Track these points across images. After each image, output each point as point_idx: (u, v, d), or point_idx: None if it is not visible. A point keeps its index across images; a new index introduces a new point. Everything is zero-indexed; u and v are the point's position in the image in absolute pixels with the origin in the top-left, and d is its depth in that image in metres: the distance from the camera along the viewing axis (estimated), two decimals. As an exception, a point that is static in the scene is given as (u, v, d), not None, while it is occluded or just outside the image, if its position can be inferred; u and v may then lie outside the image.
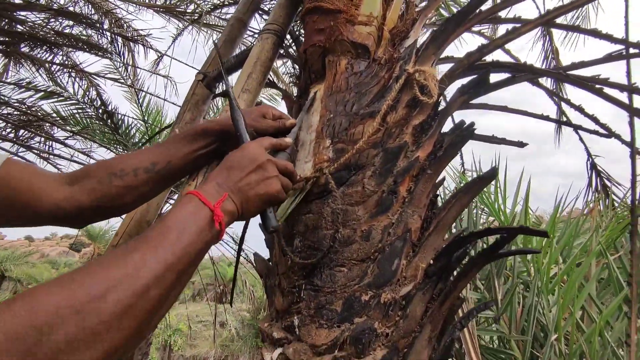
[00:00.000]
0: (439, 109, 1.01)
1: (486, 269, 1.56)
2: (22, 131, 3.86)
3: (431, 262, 0.80)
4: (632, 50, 1.13)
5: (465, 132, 0.88)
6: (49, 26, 3.07)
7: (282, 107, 3.71)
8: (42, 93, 3.99)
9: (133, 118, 4.69)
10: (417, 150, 0.95)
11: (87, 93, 4.30)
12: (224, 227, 0.60)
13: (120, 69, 4.26)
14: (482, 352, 1.39)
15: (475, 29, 1.94)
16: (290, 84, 1.33)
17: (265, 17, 1.99)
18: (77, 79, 4.19)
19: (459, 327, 0.78)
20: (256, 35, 2.27)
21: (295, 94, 1.28)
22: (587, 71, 1.13)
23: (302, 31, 1.84)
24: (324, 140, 0.99)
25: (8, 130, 3.93)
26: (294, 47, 1.51)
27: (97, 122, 4.52)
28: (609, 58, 1.10)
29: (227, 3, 2.18)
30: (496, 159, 2.03)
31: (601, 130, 1.50)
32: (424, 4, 1.31)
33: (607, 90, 1.15)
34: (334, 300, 0.82)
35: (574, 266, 1.58)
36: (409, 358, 0.77)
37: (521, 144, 1.33)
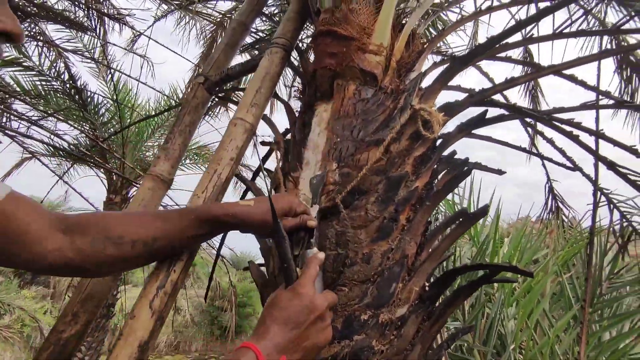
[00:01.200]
0: (437, 142, 1.09)
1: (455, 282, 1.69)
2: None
3: (427, 287, 0.88)
4: (601, 102, 1.27)
5: (465, 171, 0.96)
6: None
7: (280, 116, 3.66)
8: (3, 60, 3.70)
9: (103, 96, 4.47)
10: (416, 180, 1.03)
11: (55, 65, 4.05)
12: None
13: (90, 43, 4.04)
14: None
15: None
16: (294, 97, 1.36)
17: (265, 20, 1.99)
18: (45, 50, 3.92)
19: (445, 347, 0.88)
20: (255, 36, 2.26)
21: (298, 109, 1.32)
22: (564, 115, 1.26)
23: (306, 45, 1.86)
24: (330, 163, 1.04)
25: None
26: (298, 59, 1.54)
27: (64, 97, 4.27)
28: (584, 106, 1.23)
29: (222, -4, 2.15)
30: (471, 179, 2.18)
31: (567, 163, 1.66)
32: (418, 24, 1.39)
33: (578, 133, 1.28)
34: (335, 318, 0.88)
35: (533, 284, 1.75)
36: (400, 374, 0.85)
37: (500, 172, 1.45)
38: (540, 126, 1.84)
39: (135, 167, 3.96)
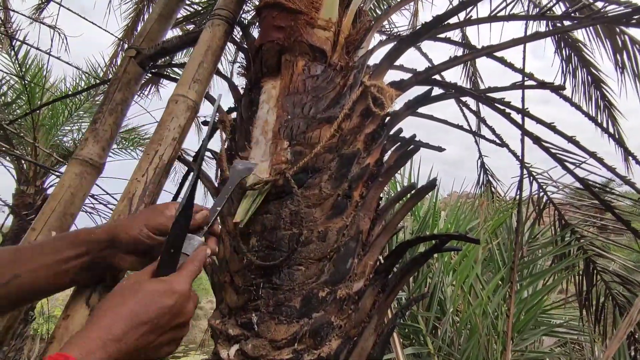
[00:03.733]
0: (386, 120, 1.11)
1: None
2: None
3: (382, 260, 0.91)
4: (527, 82, 1.39)
5: (413, 148, 0.99)
6: None
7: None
8: None
9: (6, 72, 3.87)
10: (368, 157, 1.04)
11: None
12: None
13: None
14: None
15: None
16: (238, 74, 1.29)
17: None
18: None
19: (399, 316, 0.92)
20: (188, 9, 2.08)
21: (242, 86, 1.25)
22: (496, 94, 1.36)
23: (249, 19, 1.76)
24: (281, 142, 1.01)
25: None
26: (241, 34, 1.45)
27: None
28: (513, 86, 1.34)
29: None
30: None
31: (497, 140, 1.81)
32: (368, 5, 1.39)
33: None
34: (292, 297, 0.87)
35: (467, 252, 1.91)
36: (358, 344, 0.88)
37: (440, 149, 1.53)
38: (473, 106, 1.98)
39: (51, 153, 3.52)
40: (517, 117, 1.44)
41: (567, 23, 1.18)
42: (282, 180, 0.94)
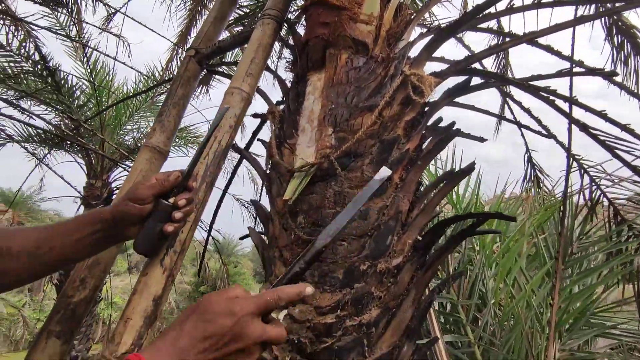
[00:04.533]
0: (426, 108, 1.15)
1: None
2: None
3: (420, 238, 0.96)
4: (575, 69, 1.36)
5: (452, 132, 1.04)
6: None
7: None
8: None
9: (78, 77, 4.31)
10: (407, 143, 1.10)
11: (24, 45, 3.86)
12: None
13: (65, 23, 3.87)
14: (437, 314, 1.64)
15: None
16: (285, 69, 1.39)
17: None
18: (12, 28, 3.73)
19: (437, 291, 0.96)
20: (240, 11, 2.24)
21: (289, 81, 1.35)
22: (541, 82, 1.35)
23: (295, 18, 1.87)
24: (326, 129, 1.09)
25: None
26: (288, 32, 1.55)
27: (36, 79, 4.10)
28: (559, 74, 1.32)
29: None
30: (452, 147, 2.28)
31: (542, 131, 1.77)
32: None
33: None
34: (336, 269, 0.95)
35: (511, 244, 1.88)
36: (397, 316, 0.94)
37: (481, 139, 1.54)
38: (517, 97, 1.94)
39: (118, 148, 3.88)
40: (565, 107, 1.41)
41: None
42: (326, 163, 1.02)
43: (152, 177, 0.77)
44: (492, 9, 1.13)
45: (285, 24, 1.38)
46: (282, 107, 1.37)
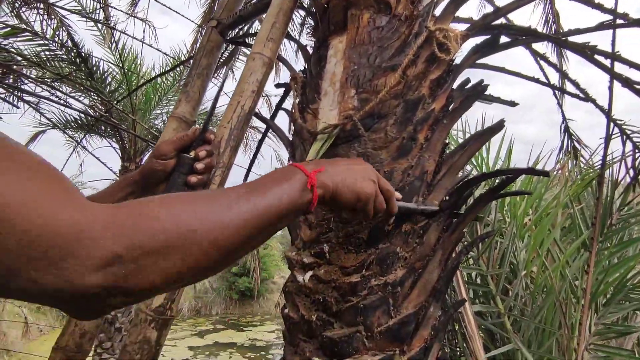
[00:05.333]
0: (453, 65, 1.11)
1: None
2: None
3: (446, 198, 0.94)
4: (618, 21, 1.26)
5: (479, 89, 0.99)
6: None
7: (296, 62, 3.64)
8: (8, 29, 3.68)
9: (108, 62, 4.45)
10: (433, 103, 1.06)
11: (57, 34, 4.01)
12: (316, 195, 0.59)
13: (91, 7, 3.97)
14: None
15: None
16: (307, 35, 1.37)
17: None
18: (45, 16, 3.88)
19: (464, 253, 0.94)
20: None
21: (311, 47, 1.33)
22: (581, 38, 1.26)
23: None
24: (348, 90, 1.07)
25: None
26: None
27: (70, 66, 4.27)
28: (600, 26, 1.23)
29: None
30: (482, 119, 2.19)
31: (580, 94, 1.66)
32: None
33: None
34: (360, 230, 0.95)
35: (544, 215, 1.81)
36: (423, 276, 0.93)
37: (512, 103, 1.47)
38: (553, 59, 1.83)
39: (149, 129, 4.02)
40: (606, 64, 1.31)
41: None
42: (349, 125, 1.01)
43: (175, 137, 0.82)
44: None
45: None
46: (304, 74, 1.36)
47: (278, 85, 1.52)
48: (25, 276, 0.35)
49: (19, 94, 3.24)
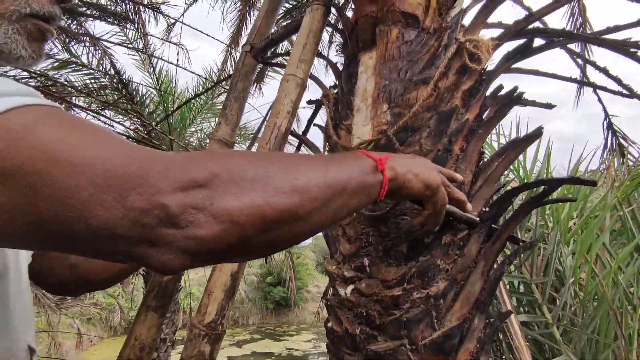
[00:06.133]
0: (485, 74, 1.10)
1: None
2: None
3: (486, 209, 0.93)
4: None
5: (513, 97, 0.98)
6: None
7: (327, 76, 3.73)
8: (59, 62, 3.99)
9: (146, 86, 4.72)
10: (467, 113, 1.06)
11: (101, 62, 4.31)
12: (385, 178, 0.57)
13: (133, 37, 4.24)
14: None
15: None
16: (336, 53, 1.41)
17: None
18: (92, 48, 4.18)
19: (507, 263, 0.93)
20: (287, 4, 2.30)
21: (341, 64, 1.37)
22: (618, 35, 1.21)
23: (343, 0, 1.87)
24: (380, 105, 1.09)
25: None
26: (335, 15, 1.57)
27: (112, 92, 4.56)
28: (641, 22, 1.18)
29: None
30: (517, 120, 2.13)
31: (624, 91, 1.59)
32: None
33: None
34: (399, 243, 0.96)
35: (590, 219, 1.73)
36: (465, 288, 0.93)
37: (549, 106, 1.43)
38: (591, 56, 1.76)
39: (186, 148, 4.21)
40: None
41: None
42: (384, 140, 1.03)
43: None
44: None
45: (333, 7, 1.40)
46: (335, 90, 1.40)
47: (310, 102, 1.56)
48: (101, 211, 0.33)
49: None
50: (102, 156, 0.35)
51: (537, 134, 0.95)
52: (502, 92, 1.15)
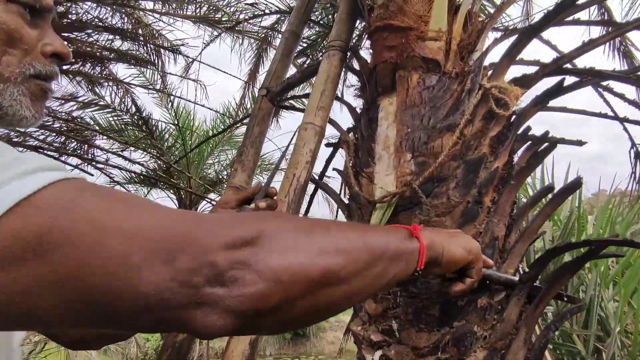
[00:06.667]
0: (512, 119, 1.05)
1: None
2: (66, 140, 4.04)
3: (526, 269, 0.86)
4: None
5: (547, 146, 0.92)
6: (91, 41, 3.21)
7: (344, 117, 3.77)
8: (83, 103, 4.14)
9: (166, 122, 4.84)
10: (495, 161, 1.00)
11: (123, 101, 4.46)
12: (422, 245, 0.56)
13: (152, 77, 4.39)
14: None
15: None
16: (354, 96, 1.39)
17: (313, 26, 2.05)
18: (114, 88, 4.34)
19: (552, 329, 0.84)
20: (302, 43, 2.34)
21: (359, 107, 1.34)
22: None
23: (357, 43, 1.88)
24: (404, 154, 1.05)
25: (51, 138, 4.13)
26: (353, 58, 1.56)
27: (133, 127, 4.69)
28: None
29: (266, 12, 2.24)
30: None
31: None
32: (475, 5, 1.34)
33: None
34: (431, 306, 0.88)
35: (632, 259, 1.60)
36: (507, 358, 0.84)
37: (579, 143, 1.36)
38: (619, 88, 1.69)
39: (203, 183, 4.24)
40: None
41: None
42: (408, 192, 0.98)
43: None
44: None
45: (350, 51, 1.39)
46: (352, 134, 1.37)
47: (328, 145, 1.53)
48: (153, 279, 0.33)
49: (92, 161, 3.60)
50: (150, 221, 0.36)
51: (576, 185, 0.88)
52: (531, 134, 1.10)
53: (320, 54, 2.12)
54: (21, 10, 0.48)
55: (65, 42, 0.55)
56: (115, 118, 4.48)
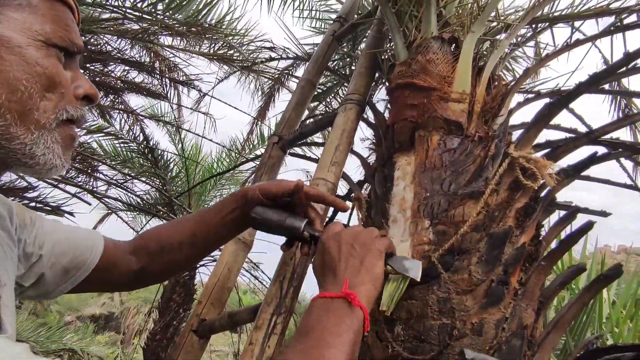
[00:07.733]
0: (540, 191, 0.99)
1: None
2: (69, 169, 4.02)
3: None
4: None
5: (585, 226, 0.85)
6: (106, 71, 3.26)
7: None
8: (91, 128, 4.16)
9: (172, 153, 4.84)
10: (521, 235, 0.93)
11: (132, 129, 4.48)
12: (365, 309, 0.60)
13: (163, 108, 4.43)
14: None
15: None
16: (369, 150, 1.34)
17: (327, 74, 2.05)
18: (125, 116, 4.38)
19: None
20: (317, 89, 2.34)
21: (375, 161, 1.29)
22: None
23: (376, 97, 1.87)
24: (422, 221, 0.97)
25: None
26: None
27: (139, 155, 4.68)
28: None
29: (283, 57, 2.27)
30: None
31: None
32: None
33: None
34: (449, 403, 0.77)
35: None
36: None
37: (604, 214, 1.28)
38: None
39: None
40: None
41: None
42: (426, 263, 0.89)
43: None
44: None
45: (367, 105, 1.35)
46: (364, 189, 1.30)
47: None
48: None
49: (92, 192, 3.55)
50: None
51: (615, 274, 0.80)
52: (556, 203, 1.03)
53: (334, 102, 2.10)
54: (59, 53, 0.48)
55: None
56: (122, 144, 4.48)
